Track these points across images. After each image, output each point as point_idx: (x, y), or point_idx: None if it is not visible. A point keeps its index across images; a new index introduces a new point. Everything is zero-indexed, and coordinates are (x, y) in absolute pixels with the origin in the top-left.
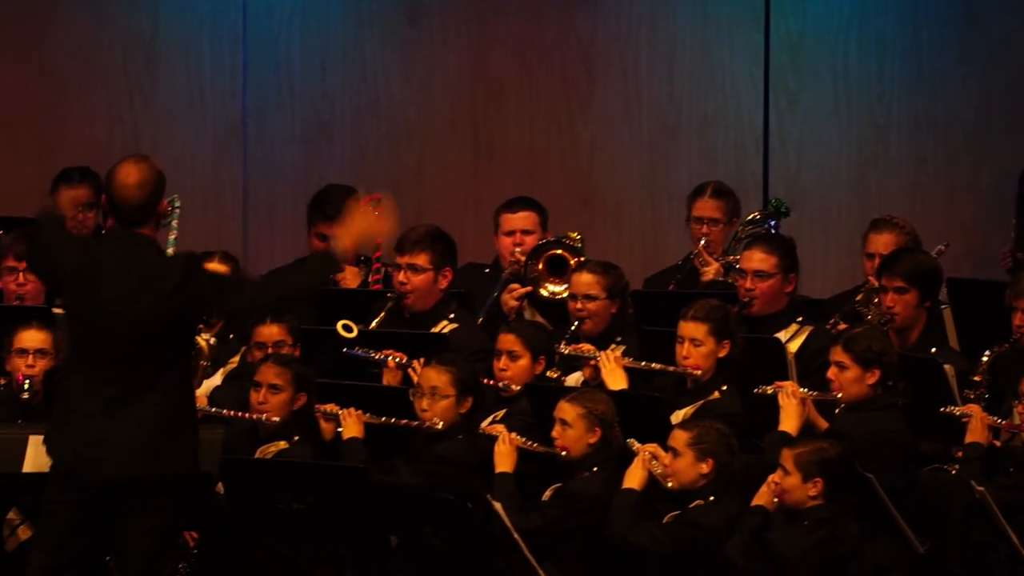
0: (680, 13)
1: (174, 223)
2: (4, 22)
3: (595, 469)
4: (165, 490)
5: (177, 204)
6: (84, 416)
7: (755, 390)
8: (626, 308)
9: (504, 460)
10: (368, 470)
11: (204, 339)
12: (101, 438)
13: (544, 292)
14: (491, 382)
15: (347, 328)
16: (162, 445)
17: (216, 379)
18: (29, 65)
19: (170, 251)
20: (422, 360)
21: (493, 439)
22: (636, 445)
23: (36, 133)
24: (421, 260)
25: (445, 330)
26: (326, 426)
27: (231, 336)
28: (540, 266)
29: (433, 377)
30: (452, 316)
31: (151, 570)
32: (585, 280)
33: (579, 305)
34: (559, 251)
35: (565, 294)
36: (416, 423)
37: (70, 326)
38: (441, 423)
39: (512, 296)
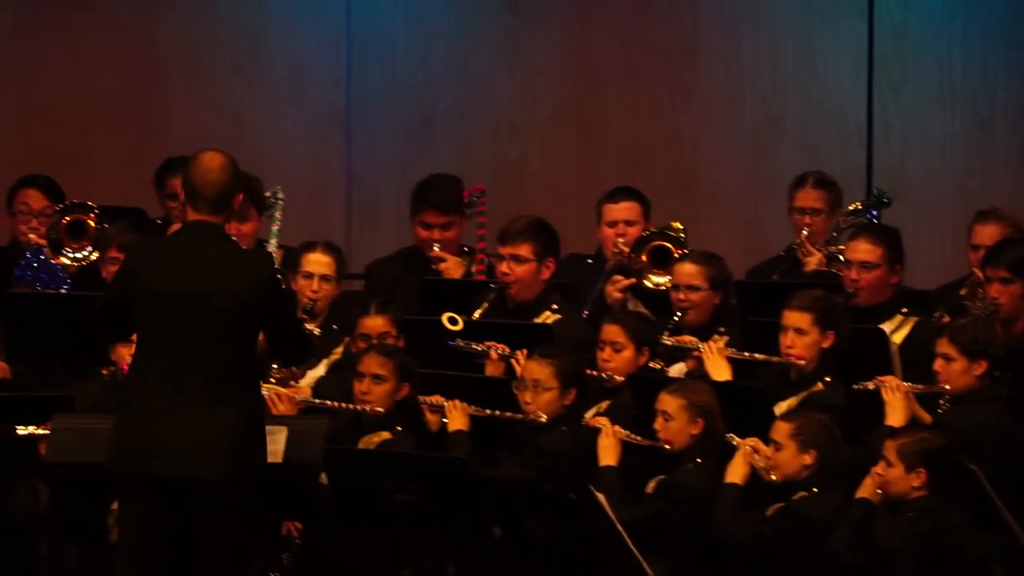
0: (783, 3)
1: (277, 214)
2: (110, 11)
3: (698, 460)
4: (248, 489)
5: (281, 196)
6: (165, 417)
7: (855, 386)
8: (729, 298)
9: (608, 453)
10: (471, 461)
11: (308, 330)
12: (185, 438)
13: (648, 283)
14: (594, 373)
15: (452, 320)
16: (245, 444)
17: (320, 370)
18: (134, 54)
19: (273, 242)
20: (524, 351)
21: (596, 431)
22: (736, 439)
23: (140, 122)
24: (524, 251)
25: (548, 321)
26: (431, 418)
27: (335, 327)
28: (644, 257)
29: (536, 370)
30: (555, 307)
31: (237, 570)
32: (688, 271)
33: (682, 296)
34: (663, 242)
35: (668, 285)
36: (520, 416)
37: (143, 327)
38: (544, 416)
39: (616, 288)
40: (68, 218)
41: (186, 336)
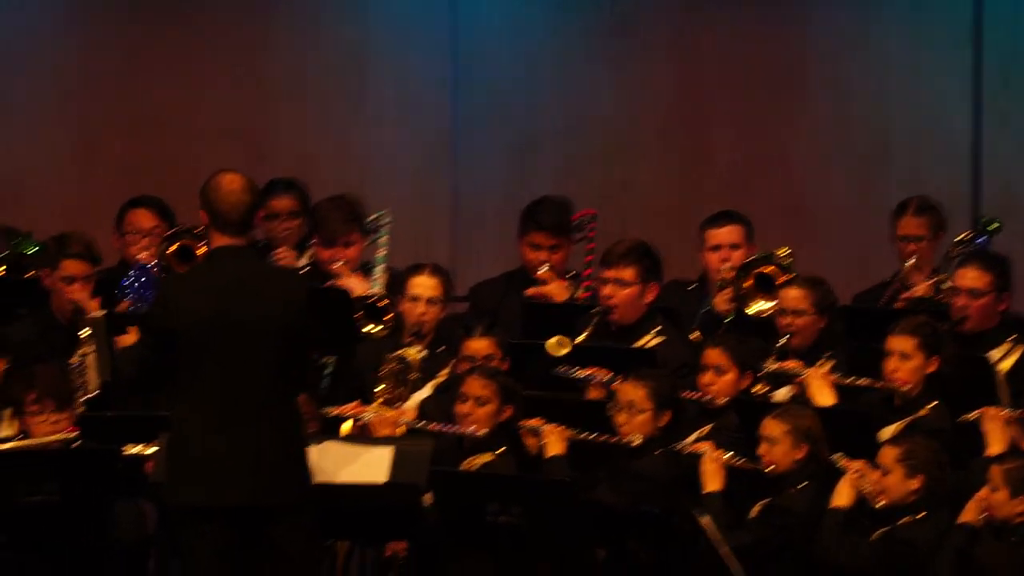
0: (890, 28)
1: (384, 239)
2: (217, 32)
3: (803, 485)
4: (306, 509)
5: (388, 220)
6: (218, 446)
7: (958, 420)
8: (835, 323)
9: (712, 479)
10: (575, 484)
11: (413, 352)
12: (242, 465)
13: (752, 309)
14: (696, 396)
15: (561, 344)
16: (297, 463)
17: (426, 391)
18: (241, 75)
19: (379, 267)
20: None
21: (695, 456)
22: (843, 461)
23: (246, 142)
24: (627, 274)
25: (651, 344)
26: (530, 441)
27: (440, 349)
28: (748, 283)
29: (630, 391)
30: (658, 330)
31: None
32: (794, 295)
33: (788, 320)
34: (767, 268)
35: (773, 311)
36: (615, 439)
37: (187, 359)
38: (638, 438)
39: (725, 298)
40: (176, 244)
41: (231, 363)
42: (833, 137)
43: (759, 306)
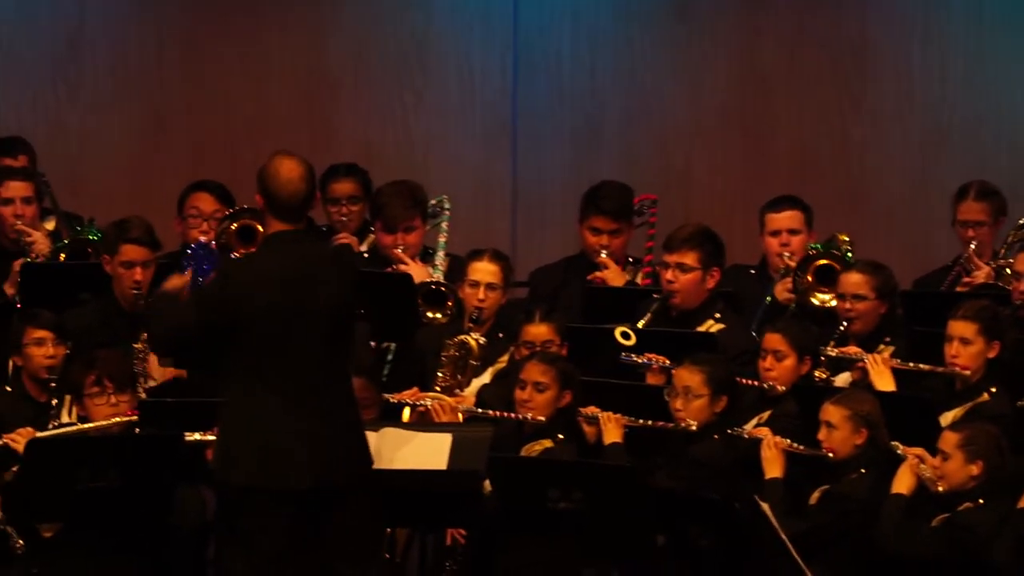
0: (954, 12)
1: (444, 224)
2: (280, 21)
3: (862, 471)
4: (368, 490)
5: (447, 206)
6: (285, 426)
7: (1019, 405)
8: (896, 309)
9: (772, 465)
10: (636, 469)
11: (473, 338)
12: (311, 445)
13: (815, 301)
14: (755, 383)
15: (625, 335)
16: (360, 444)
17: (485, 377)
18: (303, 64)
19: (440, 254)
20: None
21: (755, 441)
22: (901, 448)
23: (309, 131)
24: (689, 259)
25: (712, 330)
26: (588, 429)
27: (500, 335)
28: (809, 277)
29: (686, 377)
30: (718, 316)
31: (373, 562)
32: (854, 280)
33: (848, 305)
34: (828, 260)
35: (834, 304)
36: (671, 425)
37: (248, 345)
38: (695, 423)
39: (785, 288)
40: (237, 223)
41: (289, 347)
42: (894, 122)
43: (821, 298)
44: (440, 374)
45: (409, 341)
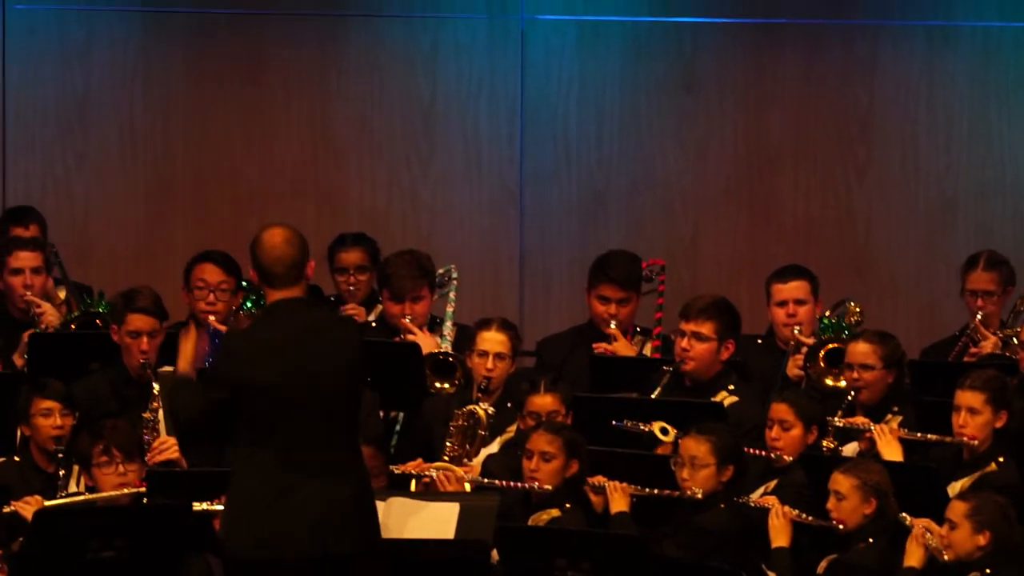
0: (958, 82)
1: (452, 294)
2: (285, 89)
3: (871, 540)
4: (376, 558)
5: (455, 275)
6: (285, 499)
7: None
8: (903, 378)
9: (780, 534)
10: (644, 539)
11: (482, 408)
12: (309, 516)
13: (827, 383)
14: (761, 452)
15: (664, 431)
16: (366, 511)
17: (493, 447)
18: (310, 131)
19: (448, 323)
20: None
21: (761, 510)
22: (909, 520)
23: (315, 200)
24: (705, 329)
25: (725, 402)
26: (595, 499)
27: (508, 404)
28: (821, 364)
29: (692, 446)
30: (732, 388)
31: None
32: (862, 350)
33: (855, 375)
34: (838, 344)
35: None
36: (678, 493)
37: (249, 414)
38: (701, 492)
39: (797, 365)
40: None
41: (293, 415)
42: (900, 192)
43: (833, 382)
44: (448, 444)
45: (417, 410)
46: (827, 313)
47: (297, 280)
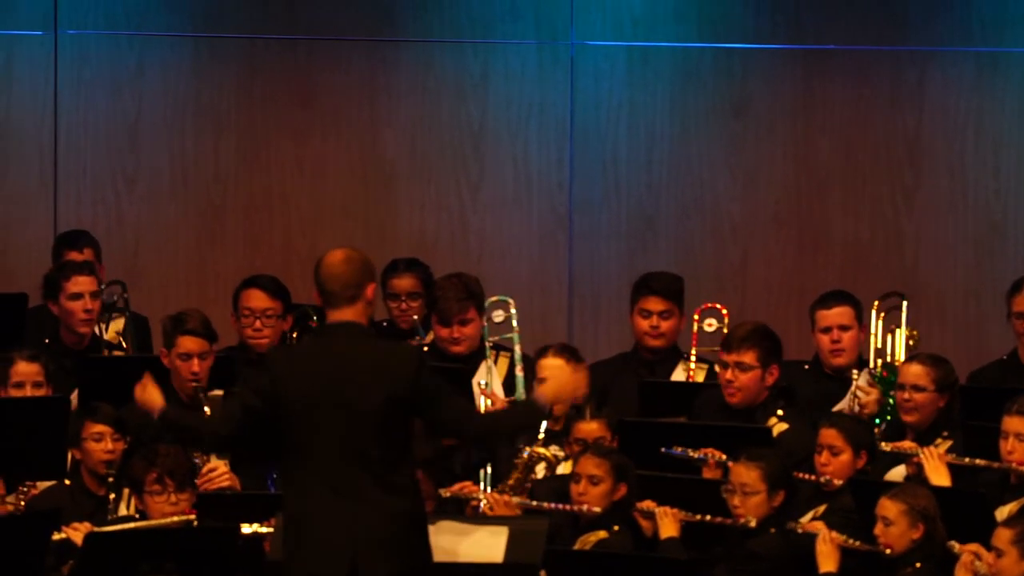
0: (1007, 106)
1: (514, 324)
2: (336, 115)
3: (918, 565)
4: None
5: (513, 310)
6: (329, 517)
7: None
8: (955, 403)
9: (827, 560)
10: (694, 564)
11: (551, 453)
12: (354, 537)
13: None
14: (812, 477)
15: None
16: (412, 534)
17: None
18: (359, 157)
19: (520, 378)
20: None
21: (813, 536)
22: (957, 547)
23: (365, 225)
24: (748, 358)
25: (775, 429)
26: (644, 524)
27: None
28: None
29: (743, 474)
30: (781, 414)
31: None
32: (915, 371)
33: (907, 396)
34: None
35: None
36: (730, 520)
37: (295, 433)
38: (754, 520)
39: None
40: (290, 325)
41: (341, 438)
42: (948, 216)
43: None
44: (512, 478)
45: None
46: (875, 355)
47: (353, 300)
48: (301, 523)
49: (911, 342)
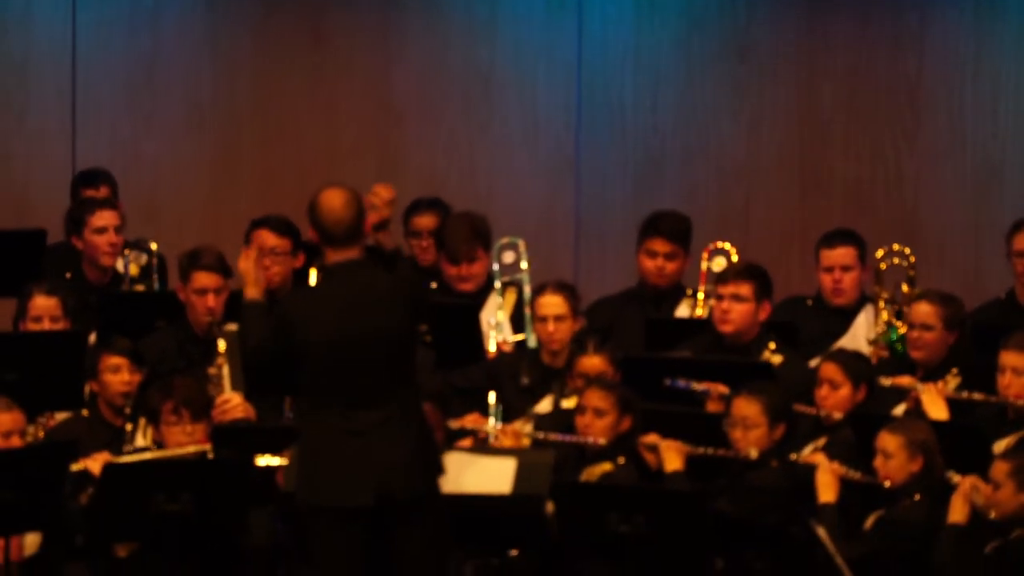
0: (1005, 50)
1: (523, 265)
2: (347, 55)
3: (917, 497)
4: (436, 501)
5: (523, 250)
6: (349, 447)
7: None
8: (964, 340)
9: (827, 490)
10: (699, 496)
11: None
12: (374, 463)
13: None
14: (812, 410)
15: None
16: (427, 459)
17: (545, 405)
18: (370, 96)
19: (527, 312)
20: None
21: (812, 467)
22: (956, 478)
23: (376, 163)
24: (744, 290)
25: (772, 360)
26: (649, 457)
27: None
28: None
29: (744, 407)
30: (773, 347)
31: None
32: (924, 310)
33: (916, 334)
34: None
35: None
36: (732, 453)
37: (315, 371)
38: (755, 452)
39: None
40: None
41: (359, 372)
42: (947, 158)
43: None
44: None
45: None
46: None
47: (356, 241)
48: (323, 457)
49: (906, 288)
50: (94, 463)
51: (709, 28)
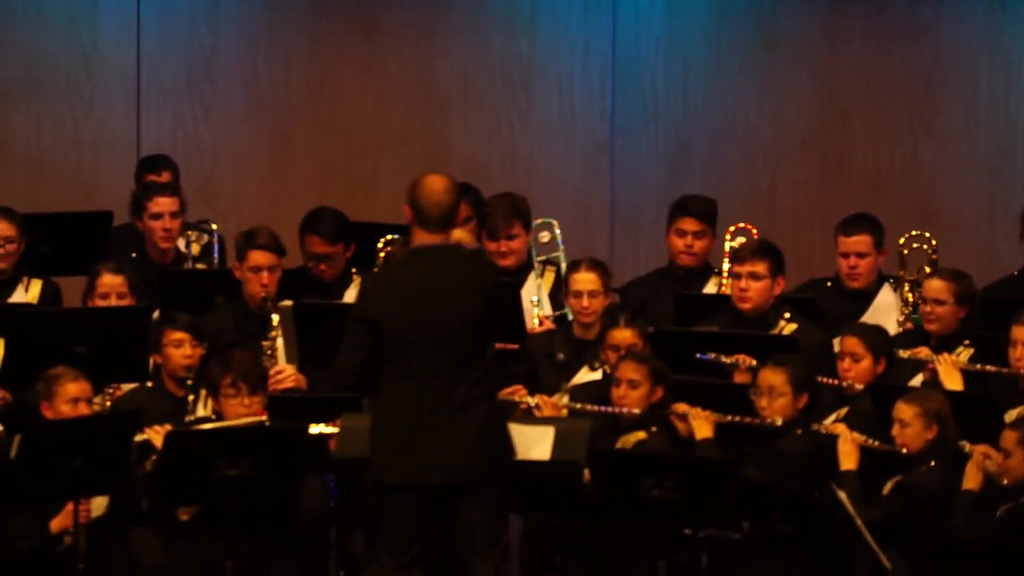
0: (1017, 38)
1: (559, 243)
2: (396, 47)
3: (932, 464)
4: (501, 479)
5: (557, 230)
6: (421, 426)
7: None
8: (975, 313)
9: (847, 458)
10: (727, 462)
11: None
12: (444, 443)
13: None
14: (834, 381)
15: None
16: (495, 442)
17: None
18: (415, 86)
19: (563, 266)
20: None
21: (835, 436)
22: (968, 446)
23: (420, 149)
24: (760, 267)
25: (786, 329)
26: (680, 425)
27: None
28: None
29: (770, 377)
30: (788, 316)
31: (497, 550)
32: (936, 287)
33: (929, 309)
34: None
35: None
36: (759, 421)
37: (393, 350)
38: (780, 420)
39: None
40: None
41: (435, 353)
42: (962, 144)
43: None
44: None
45: (520, 345)
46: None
47: (447, 228)
48: (394, 436)
49: (928, 271)
50: (157, 435)
51: (737, 19)
